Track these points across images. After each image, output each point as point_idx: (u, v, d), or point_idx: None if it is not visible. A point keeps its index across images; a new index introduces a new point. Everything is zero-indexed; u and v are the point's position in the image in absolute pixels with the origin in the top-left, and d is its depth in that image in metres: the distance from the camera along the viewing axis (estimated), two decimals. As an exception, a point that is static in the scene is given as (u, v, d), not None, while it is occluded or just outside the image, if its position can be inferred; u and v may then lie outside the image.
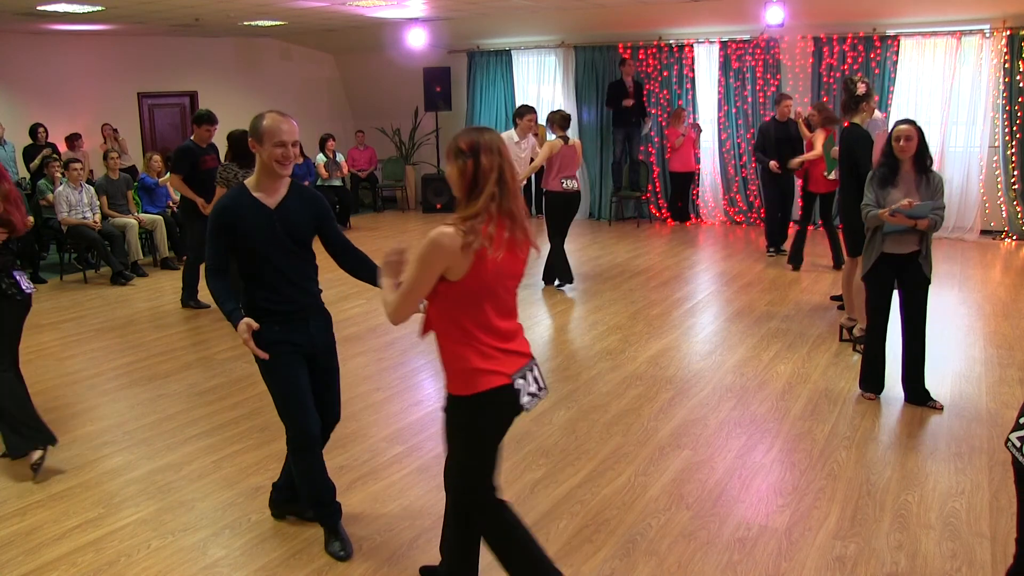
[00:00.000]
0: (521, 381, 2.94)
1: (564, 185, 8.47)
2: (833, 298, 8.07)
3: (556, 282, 8.91)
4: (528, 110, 8.73)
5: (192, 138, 8.27)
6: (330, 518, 3.86)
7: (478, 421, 2.95)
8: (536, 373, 3.04)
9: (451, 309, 2.88)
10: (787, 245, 10.08)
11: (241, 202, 3.58)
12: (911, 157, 5.16)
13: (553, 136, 8.58)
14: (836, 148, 7.57)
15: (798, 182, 9.52)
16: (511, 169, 2.88)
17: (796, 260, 9.53)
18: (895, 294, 5.40)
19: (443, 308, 2.89)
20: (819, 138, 8.76)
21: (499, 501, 3.09)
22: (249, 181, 3.63)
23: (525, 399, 2.95)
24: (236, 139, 7.54)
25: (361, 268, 3.77)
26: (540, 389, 3.04)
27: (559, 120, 8.61)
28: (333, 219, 3.81)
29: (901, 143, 5.14)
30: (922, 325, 5.35)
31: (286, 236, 3.59)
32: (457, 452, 3.03)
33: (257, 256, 3.57)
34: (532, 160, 8.69)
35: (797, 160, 9.26)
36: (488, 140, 2.85)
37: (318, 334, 3.72)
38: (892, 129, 5.24)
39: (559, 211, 8.65)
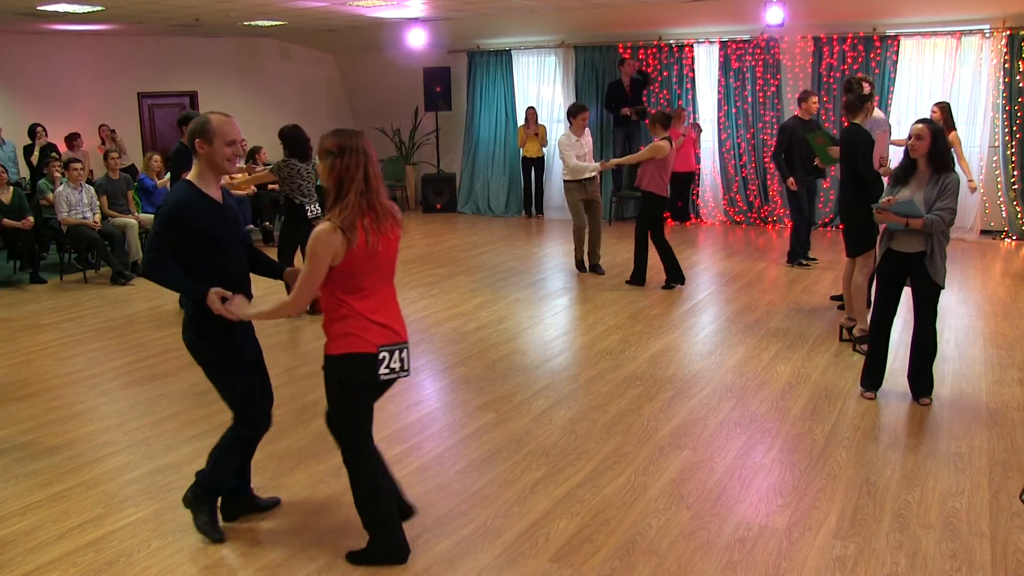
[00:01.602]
0: (385, 354, 3.47)
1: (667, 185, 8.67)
2: (833, 298, 8.07)
3: (672, 284, 8.82)
4: (581, 108, 9.11)
5: (184, 140, 8.17)
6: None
7: (343, 377, 3.48)
8: (404, 355, 3.56)
9: (334, 288, 3.43)
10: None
11: (196, 198, 3.68)
12: (925, 157, 5.16)
13: (656, 137, 8.65)
14: (836, 148, 7.60)
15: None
16: (375, 167, 3.42)
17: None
18: (906, 291, 5.40)
19: (327, 287, 3.44)
20: None
21: (372, 451, 3.68)
22: (192, 178, 3.73)
23: (383, 370, 3.48)
24: (289, 136, 7.57)
25: (269, 267, 4.08)
26: (402, 369, 3.56)
27: (661, 119, 8.66)
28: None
29: (912, 141, 5.15)
30: (930, 325, 5.35)
31: (235, 231, 3.81)
32: (331, 403, 3.59)
33: (211, 251, 3.71)
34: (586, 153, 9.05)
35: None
36: (354, 143, 3.38)
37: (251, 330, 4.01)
38: (910, 128, 5.26)
39: (660, 211, 8.75)
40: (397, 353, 3.52)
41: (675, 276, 8.78)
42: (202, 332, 3.78)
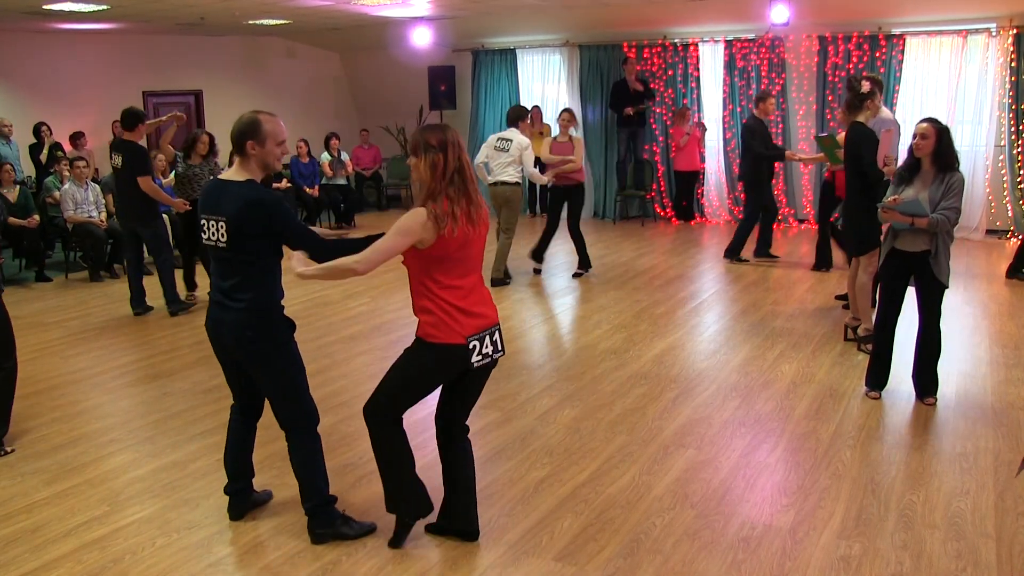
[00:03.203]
0: (475, 342, 3.52)
1: None
2: (838, 297, 8.06)
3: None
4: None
5: (128, 137, 7.95)
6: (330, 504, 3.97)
7: (429, 366, 3.57)
8: (496, 337, 3.63)
9: (423, 275, 3.50)
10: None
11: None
12: (929, 156, 5.14)
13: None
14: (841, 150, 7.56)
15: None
16: (467, 158, 3.54)
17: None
18: (911, 291, 5.39)
19: (417, 273, 3.53)
20: None
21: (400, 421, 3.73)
22: (252, 175, 3.70)
23: (476, 357, 3.54)
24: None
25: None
26: (495, 351, 3.62)
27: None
28: None
29: (916, 141, 5.14)
30: (935, 324, 5.34)
31: None
32: (395, 382, 3.63)
33: (276, 247, 3.73)
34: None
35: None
36: (453, 137, 3.51)
37: None
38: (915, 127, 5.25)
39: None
40: (488, 338, 3.58)
41: (585, 264, 9.46)
42: (268, 331, 3.70)
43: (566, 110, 9.65)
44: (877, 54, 11.43)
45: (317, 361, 6.56)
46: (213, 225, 3.63)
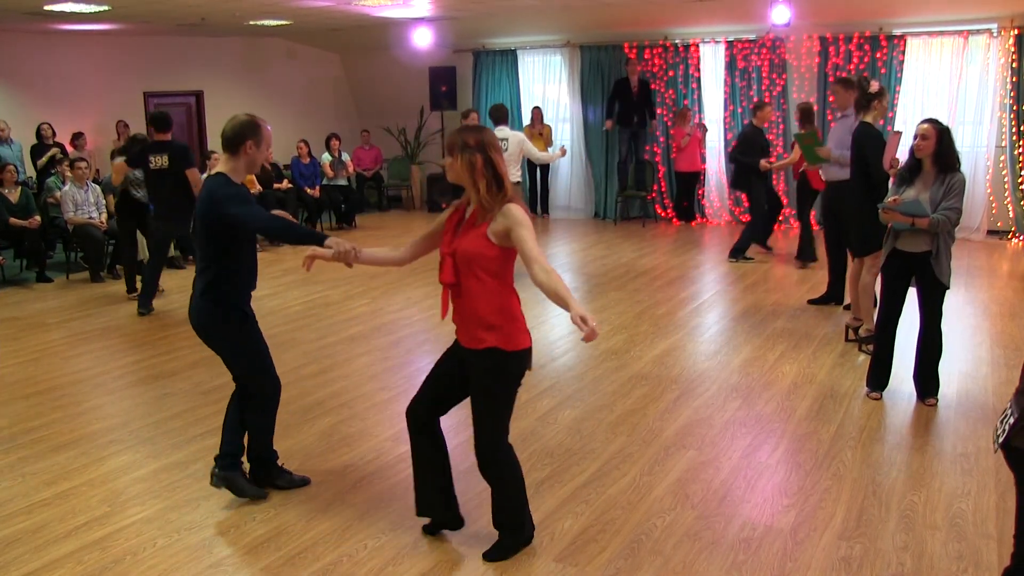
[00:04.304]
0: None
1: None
2: (810, 302, 8.01)
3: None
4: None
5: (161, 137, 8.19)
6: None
7: (515, 370, 3.53)
8: None
9: (497, 278, 3.49)
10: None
11: (244, 189, 4.11)
12: (930, 156, 5.14)
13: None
14: (825, 148, 7.60)
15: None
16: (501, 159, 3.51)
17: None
18: (912, 291, 5.39)
19: (493, 272, 3.48)
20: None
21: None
22: (229, 172, 4.02)
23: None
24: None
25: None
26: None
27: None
28: None
29: (917, 141, 5.14)
30: (936, 324, 5.34)
31: None
32: (501, 404, 3.57)
33: (247, 238, 4.14)
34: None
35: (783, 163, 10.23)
36: (491, 137, 3.48)
37: None
38: (916, 128, 5.24)
39: None
40: None
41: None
42: (219, 314, 4.10)
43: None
44: (878, 55, 11.43)
45: (318, 362, 6.57)
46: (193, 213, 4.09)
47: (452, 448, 3.95)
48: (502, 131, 8.87)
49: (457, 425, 4.82)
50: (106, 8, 9.92)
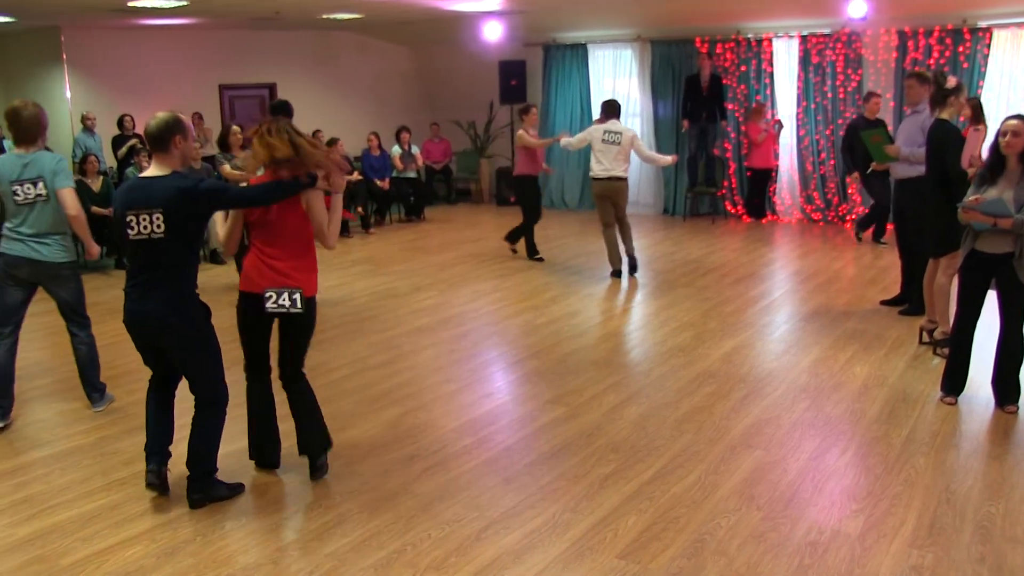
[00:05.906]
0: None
1: None
2: (883, 303, 7.78)
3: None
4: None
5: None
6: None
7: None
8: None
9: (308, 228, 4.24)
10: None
11: None
12: (1017, 155, 4.96)
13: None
14: (894, 147, 7.31)
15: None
16: None
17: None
18: (991, 294, 5.22)
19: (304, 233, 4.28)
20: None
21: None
22: (178, 168, 4.18)
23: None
24: None
25: None
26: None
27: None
28: None
29: (1007, 138, 4.95)
30: (1017, 328, 5.15)
31: None
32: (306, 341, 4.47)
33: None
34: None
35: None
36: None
37: None
38: (1001, 124, 5.05)
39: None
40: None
41: (533, 252, 9.94)
42: (192, 314, 4.14)
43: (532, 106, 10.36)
44: (960, 48, 11.05)
45: (384, 353, 6.64)
46: (146, 219, 3.94)
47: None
48: (614, 125, 8.92)
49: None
50: (185, 3, 10.17)
